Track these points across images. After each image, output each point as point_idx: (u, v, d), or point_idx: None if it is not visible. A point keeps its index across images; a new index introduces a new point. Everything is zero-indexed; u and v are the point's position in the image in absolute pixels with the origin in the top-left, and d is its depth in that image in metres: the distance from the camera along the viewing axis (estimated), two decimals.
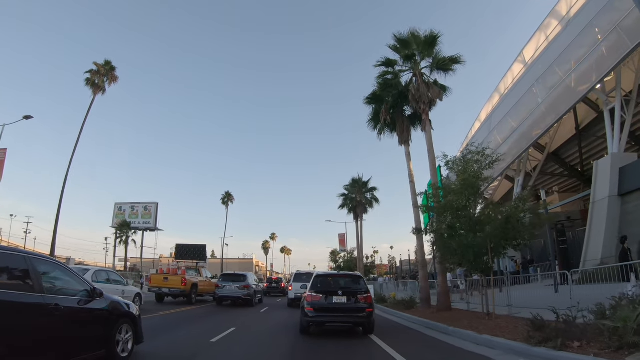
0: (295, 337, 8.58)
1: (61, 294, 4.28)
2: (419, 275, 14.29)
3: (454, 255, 9.47)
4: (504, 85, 34.02)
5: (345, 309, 8.28)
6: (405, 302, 14.53)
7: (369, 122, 17.33)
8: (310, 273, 17.23)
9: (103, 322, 4.86)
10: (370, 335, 8.80)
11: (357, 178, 31.82)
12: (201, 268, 19.30)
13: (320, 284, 8.83)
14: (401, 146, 16.24)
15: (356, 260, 35.04)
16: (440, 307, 12.29)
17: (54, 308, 3.94)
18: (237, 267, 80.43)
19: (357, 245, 32.32)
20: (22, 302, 3.65)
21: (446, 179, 10.92)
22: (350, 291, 8.51)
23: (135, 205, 51.12)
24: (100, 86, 34.59)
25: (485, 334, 7.87)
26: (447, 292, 12.60)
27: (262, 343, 7.99)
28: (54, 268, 4.52)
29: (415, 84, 15.24)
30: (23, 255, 4.03)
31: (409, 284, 20.14)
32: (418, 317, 11.86)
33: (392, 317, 13.66)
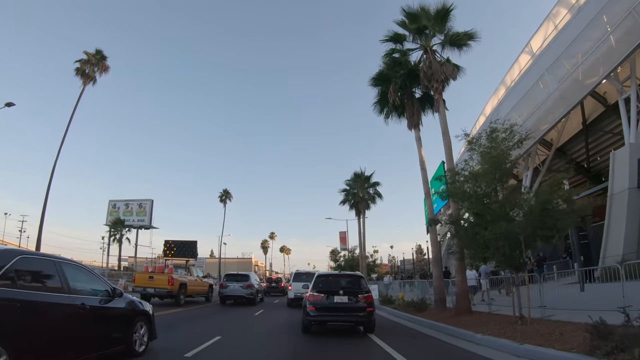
0: None
1: (85, 294, 4.63)
2: (433, 273, 12.70)
3: (483, 249, 7.91)
4: (510, 77, 32.78)
5: (346, 308, 8.30)
6: (416, 304, 12.98)
7: (374, 106, 15.78)
8: (310, 272, 17.47)
9: (122, 319, 5.28)
10: (382, 345, 7.51)
11: (359, 172, 30.11)
12: (191, 266, 17.75)
13: (321, 284, 8.84)
14: (410, 131, 14.74)
15: (358, 259, 33.44)
16: (460, 309, 10.74)
17: (80, 307, 4.33)
18: (236, 267, 79.19)
19: (359, 243, 30.72)
20: (54, 302, 4.02)
21: (467, 160, 9.32)
22: (351, 291, 8.52)
23: (130, 203, 49.53)
24: (90, 76, 33.05)
25: (527, 344, 6.39)
26: (466, 292, 11.06)
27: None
28: (78, 270, 4.86)
29: (427, 60, 13.71)
30: (52, 260, 4.41)
31: (416, 283, 18.57)
32: (434, 321, 10.33)
33: (403, 321, 12.10)
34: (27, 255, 4.11)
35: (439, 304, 12.05)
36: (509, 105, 30.67)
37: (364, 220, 29.80)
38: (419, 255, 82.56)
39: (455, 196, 9.03)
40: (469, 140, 9.55)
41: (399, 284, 25.12)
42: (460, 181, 9.33)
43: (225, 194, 61.90)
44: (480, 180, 8.26)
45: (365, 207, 29.72)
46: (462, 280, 10.96)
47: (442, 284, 12.32)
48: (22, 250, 4.44)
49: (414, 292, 18.72)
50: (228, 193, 62.05)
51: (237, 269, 72.19)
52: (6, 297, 3.46)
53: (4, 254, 3.79)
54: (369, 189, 29.91)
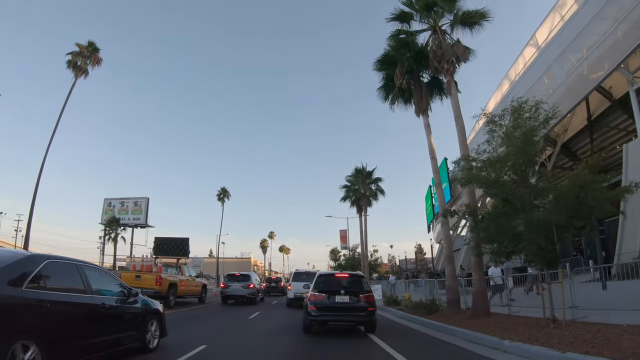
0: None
1: (104, 295, 5.03)
2: (446, 271, 11.53)
3: (513, 241, 6.78)
4: (514, 71, 31.80)
5: (347, 308, 8.29)
6: (426, 305, 11.85)
7: (379, 91, 14.67)
8: (310, 272, 17.51)
9: (137, 318, 5.65)
10: (394, 355, 6.47)
11: (360, 167, 28.91)
12: (183, 265, 16.63)
13: (322, 284, 8.83)
14: (418, 117, 13.66)
15: (359, 258, 32.26)
16: (477, 311, 9.62)
17: (100, 306, 4.80)
18: (235, 267, 78.15)
19: (361, 241, 29.49)
20: (78, 302, 4.44)
21: (489, 140, 8.18)
22: (352, 290, 8.50)
23: (125, 201, 48.22)
24: (82, 68, 31.95)
25: (570, 352, 5.35)
26: (484, 292, 9.91)
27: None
28: (97, 272, 5.29)
29: (436, 40, 12.61)
30: (75, 263, 4.84)
31: (423, 283, 17.38)
32: (447, 324, 9.21)
33: (412, 324, 10.96)
34: (53, 260, 4.41)
35: (453, 305, 10.92)
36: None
37: (366, 217, 28.65)
38: (419, 254, 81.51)
39: (478, 181, 7.89)
40: (489, 119, 8.43)
41: (404, 284, 23.91)
42: (478, 167, 8.22)
43: (223, 193, 60.66)
44: (508, 162, 7.13)
45: (367, 204, 28.52)
46: (479, 278, 9.82)
47: (456, 283, 11.18)
48: (49, 255, 4.66)
49: (420, 292, 17.56)
50: (226, 191, 60.82)
51: (236, 269, 71.08)
52: (37, 298, 3.78)
53: (33, 258, 4.11)
54: (371, 185, 28.72)
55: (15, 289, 3.62)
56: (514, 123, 7.64)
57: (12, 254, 4.19)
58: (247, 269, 74.24)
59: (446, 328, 8.97)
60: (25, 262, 3.99)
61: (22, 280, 3.74)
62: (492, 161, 7.50)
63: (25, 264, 3.95)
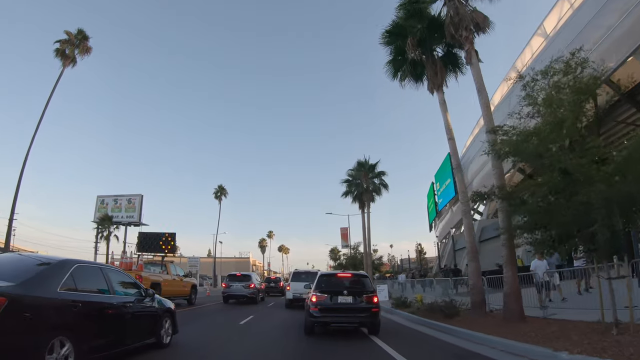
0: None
1: (125, 295, 5.50)
2: (469, 268, 9.87)
3: (573, 224, 5.22)
4: (521, 62, 30.23)
5: (350, 309, 8.04)
6: (443, 308, 10.25)
7: (387, 66, 13.11)
8: (310, 272, 17.18)
9: (153, 316, 6.15)
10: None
11: (363, 160, 27.21)
12: (169, 263, 15.03)
13: (325, 284, 8.57)
14: (432, 95, 12.11)
15: (360, 257, 30.58)
16: (509, 314, 8.05)
17: (122, 305, 5.24)
18: (234, 267, 76.64)
19: (364, 238, 27.70)
20: (103, 302, 4.89)
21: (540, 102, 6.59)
22: (355, 291, 8.23)
23: (119, 198, 46.58)
24: (70, 56, 30.53)
25: None
26: (518, 291, 8.27)
27: None
28: (118, 274, 5.76)
29: (453, 5, 11.06)
30: (99, 267, 5.39)
31: (434, 283, 15.74)
32: (476, 331, 7.64)
33: (431, 331, 9.32)
34: (81, 264, 4.85)
35: (477, 308, 9.33)
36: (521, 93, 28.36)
37: (369, 213, 26.92)
38: (419, 254, 79.98)
39: (524, 153, 6.30)
40: (527, 82, 6.86)
41: (410, 284, 22.21)
42: (522, 135, 6.64)
43: (220, 190, 59.20)
44: (561, 125, 5.56)
45: (370, 199, 26.84)
46: (512, 275, 8.20)
47: (480, 282, 9.57)
48: (78, 260, 5.01)
49: (432, 292, 15.94)
50: (223, 189, 59.36)
51: (235, 268, 69.44)
52: (70, 299, 4.26)
53: (65, 263, 4.59)
54: (374, 179, 27.05)
55: (52, 292, 4.03)
56: (565, 78, 6.06)
57: (46, 260, 4.60)
58: (246, 269, 72.71)
59: (475, 336, 7.38)
60: (58, 266, 4.42)
61: (57, 283, 4.15)
62: (542, 127, 5.92)
63: (58, 268, 4.38)
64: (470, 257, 9.70)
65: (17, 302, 3.58)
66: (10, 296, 3.52)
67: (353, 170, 27.99)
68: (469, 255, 9.64)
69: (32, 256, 5.03)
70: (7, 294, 3.51)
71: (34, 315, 3.68)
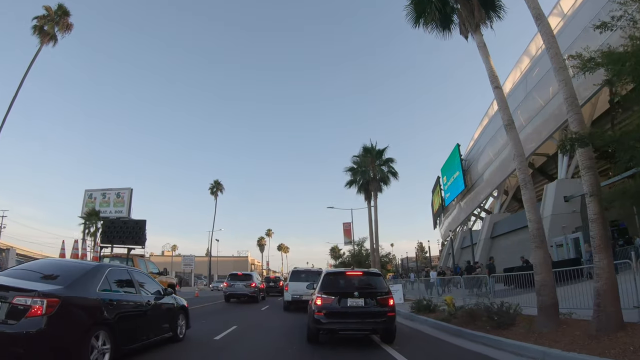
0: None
1: (147, 293, 6.13)
2: (534, 258, 6.96)
3: None
4: (535, 45, 27.67)
5: (362, 314, 6.88)
6: (492, 314, 7.58)
7: (407, 10, 10.45)
8: (310, 270, 16.18)
9: (170, 312, 6.74)
10: None
11: (369, 146, 24.35)
12: (137, 258, 12.38)
13: (331, 284, 7.42)
14: (467, 39, 9.52)
15: (367, 254, 27.79)
16: (605, 322, 5.37)
17: (146, 303, 5.90)
18: (231, 266, 74.31)
19: (370, 232, 24.77)
20: (132, 300, 5.56)
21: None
22: (368, 292, 7.11)
23: (107, 192, 43.91)
24: (49, 33, 27.96)
25: None
26: (616, 288, 5.45)
27: None
28: (141, 275, 6.52)
29: None
30: (127, 270, 6.07)
31: (462, 281, 12.94)
32: (565, 350, 4.98)
33: (485, 349, 6.67)
34: (113, 268, 5.63)
35: (548, 314, 6.61)
36: (535, 78, 25.77)
37: (376, 204, 24.02)
38: (420, 253, 77.46)
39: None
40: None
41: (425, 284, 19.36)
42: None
43: (216, 185, 56.71)
44: None
45: (377, 189, 24.00)
46: (608, 264, 5.30)
47: (550, 277, 6.71)
48: (110, 264, 5.86)
49: (458, 293, 13.19)
50: (219, 184, 56.86)
51: (233, 268, 67.10)
52: (107, 298, 4.91)
53: (100, 268, 5.29)
54: (382, 166, 24.24)
55: (92, 292, 4.74)
56: None
57: (84, 265, 5.37)
58: (244, 268, 70.32)
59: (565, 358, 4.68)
60: (95, 270, 5.14)
61: (95, 285, 4.88)
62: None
63: (95, 272, 5.09)
64: (537, 243, 6.79)
65: (67, 302, 4.19)
66: (62, 297, 4.14)
67: (358, 156, 25.23)
68: (533, 240, 6.84)
69: (71, 262, 6.07)
70: (59, 296, 4.13)
71: (80, 313, 4.39)
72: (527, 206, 7.18)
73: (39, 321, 3.81)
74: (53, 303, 3.94)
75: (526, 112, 26.42)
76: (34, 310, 3.83)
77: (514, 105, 28.10)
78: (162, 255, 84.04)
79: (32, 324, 3.78)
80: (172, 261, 64.80)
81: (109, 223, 12.04)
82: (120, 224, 12.30)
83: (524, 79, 28.31)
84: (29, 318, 3.80)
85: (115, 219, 11.57)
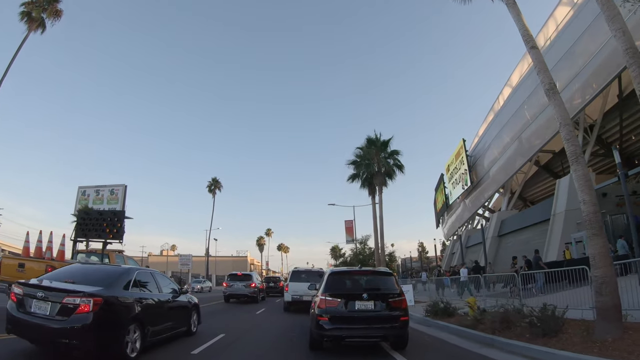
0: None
1: (167, 292, 6.92)
2: (590, 247, 5.41)
3: None
4: (543, 36, 26.26)
5: (372, 318, 6.12)
6: (534, 320, 6.20)
7: None
8: (311, 271, 15.94)
9: (185, 309, 7.60)
10: None
11: (373, 137, 22.87)
12: (114, 253, 11.03)
13: (337, 285, 6.68)
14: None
15: (370, 252, 26.29)
16: None
17: (167, 301, 6.70)
18: (230, 266, 73.04)
19: (375, 229, 23.25)
20: (156, 299, 6.29)
21: None
22: (378, 294, 6.36)
23: (101, 189, 42.25)
24: (36, 19, 26.46)
25: None
26: None
27: None
28: (160, 276, 7.21)
29: None
30: (150, 272, 6.91)
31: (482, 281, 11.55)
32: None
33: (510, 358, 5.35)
34: (140, 270, 6.45)
35: (609, 317, 5.22)
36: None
37: (381, 199, 22.54)
38: (422, 253, 76.02)
39: None
40: None
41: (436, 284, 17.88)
42: None
43: (214, 183, 55.17)
44: None
45: (382, 183, 22.53)
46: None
47: (612, 270, 5.29)
48: (138, 267, 6.91)
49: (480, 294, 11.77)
50: (217, 182, 55.31)
51: (232, 267, 65.72)
52: (137, 297, 5.70)
53: (130, 270, 6.06)
54: (388, 159, 22.77)
55: (125, 292, 5.50)
56: None
57: (118, 269, 6.18)
58: (243, 268, 68.97)
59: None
60: (127, 273, 5.90)
61: (128, 285, 5.65)
62: None
63: (127, 274, 5.86)
64: (595, 230, 5.46)
65: (108, 301, 4.97)
66: (104, 297, 4.92)
67: (361, 148, 23.70)
68: (590, 227, 5.44)
69: (106, 266, 6.83)
70: (102, 295, 4.91)
71: (118, 309, 5.16)
72: (580, 184, 5.82)
73: (86, 317, 4.56)
74: (98, 302, 4.70)
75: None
76: (82, 308, 4.58)
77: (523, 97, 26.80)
78: (160, 255, 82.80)
79: (81, 320, 4.54)
80: (168, 261, 63.31)
81: (84, 214, 10.64)
82: (96, 214, 10.85)
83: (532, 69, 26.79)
84: (77, 314, 4.55)
85: (90, 210, 10.13)
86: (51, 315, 4.56)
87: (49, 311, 4.59)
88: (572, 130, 6.36)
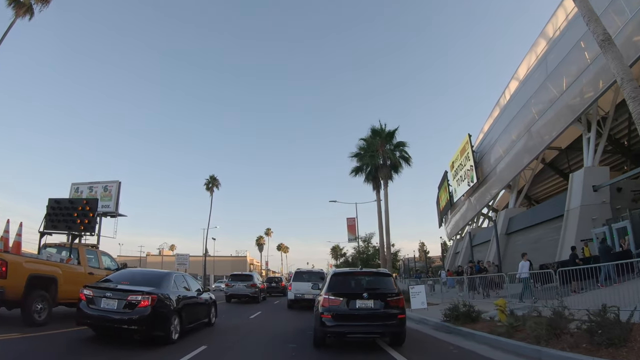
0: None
1: (194, 291, 8.55)
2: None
3: None
4: (552, 28, 24.97)
5: (372, 316, 6.68)
6: (594, 327, 4.89)
7: None
8: (312, 271, 17.27)
9: (207, 305, 9.22)
10: None
11: (378, 128, 21.46)
12: (84, 248, 9.71)
13: (339, 285, 7.16)
14: None
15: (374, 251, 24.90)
16: None
17: (194, 297, 8.32)
18: (229, 265, 71.93)
19: (380, 226, 21.74)
20: (188, 296, 7.95)
21: None
22: (377, 293, 6.87)
23: (94, 186, 40.73)
24: (25, 4, 25.10)
25: None
26: None
27: None
28: (189, 277, 8.92)
29: None
30: (182, 274, 8.71)
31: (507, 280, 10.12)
32: None
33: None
34: (176, 273, 8.20)
35: None
36: (554, 62, 23.06)
37: (387, 194, 21.20)
38: (423, 253, 74.87)
39: None
40: None
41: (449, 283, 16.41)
42: None
43: (212, 181, 53.86)
44: None
45: (388, 177, 21.15)
46: None
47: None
48: (173, 272, 8.30)
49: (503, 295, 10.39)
50: (215, 179, 54.02)
51: (231, 267, 64.49)
52: (177, 294, 7.35)
53: (170, 273, 7.92)
54: (394, 151, 21.39)
55: (169, 291, 7.13)
56: None
57: (162, 272, 7.96)
58: (243, 268, 67.75)
59: None
60: (168, 275, 7.67)
61: (170, 285, 7.34)
62: None
63: (168, 276, 7.61)
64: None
65: (160, 297, 6.56)
66: (157, 294, 6.50)
67: (365, 139, 22.38)
68: None
69: (153, 270, 8.75)
70: (156, 293, 6.49)
71: (166, 304, 6.74)
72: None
73: (146, 310, 6.16)
74: (154, 298, 6.33)
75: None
76: (143, 303, 6.19)
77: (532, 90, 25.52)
78: (159, 255, 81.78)
79: (142, 312, 6.13)
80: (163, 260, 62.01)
81: (54, 204, 9.28)
82: (66, 204, 9.47)
83: (544, 58, 25.48)
84: (140, 308, 6.15)
85: (60, 199, 8.72)
86: (119, 309, 6.13)
87: (117, 306, 6.16)
88: (637, 87, 5.08)
